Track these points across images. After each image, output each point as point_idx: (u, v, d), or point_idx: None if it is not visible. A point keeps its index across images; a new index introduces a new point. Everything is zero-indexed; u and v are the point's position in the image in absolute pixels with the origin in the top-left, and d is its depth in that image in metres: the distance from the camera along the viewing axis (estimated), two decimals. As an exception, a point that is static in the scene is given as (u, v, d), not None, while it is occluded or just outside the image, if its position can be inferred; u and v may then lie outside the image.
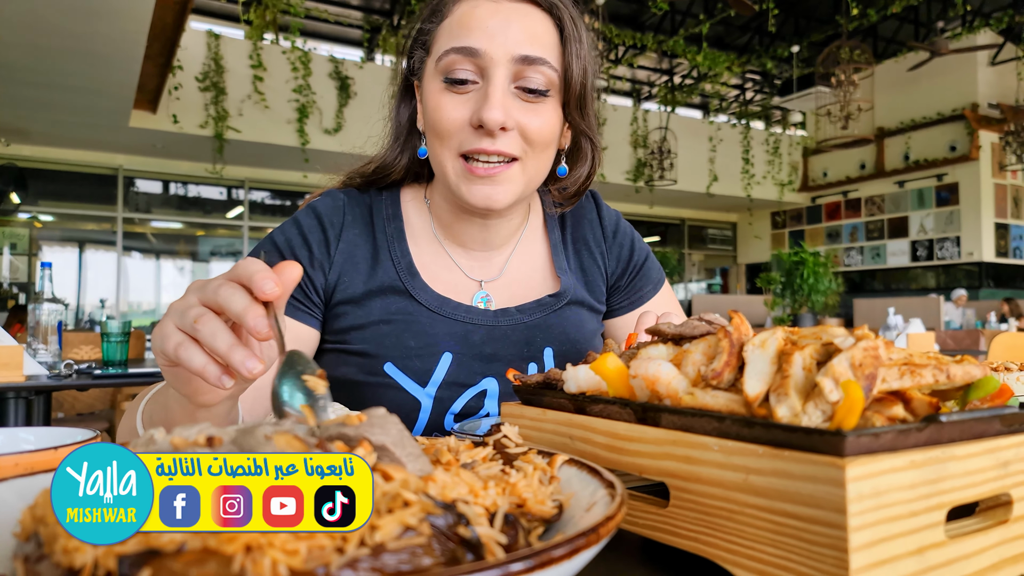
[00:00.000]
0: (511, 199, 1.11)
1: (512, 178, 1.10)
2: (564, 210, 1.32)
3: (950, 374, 0.49)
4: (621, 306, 1.35)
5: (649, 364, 0.54)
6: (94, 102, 8.37)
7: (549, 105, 1.10)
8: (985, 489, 0.48)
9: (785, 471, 0.44)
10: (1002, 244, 14.00)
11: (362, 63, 11.28)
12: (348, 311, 1.15)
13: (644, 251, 1.39)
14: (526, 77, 1.07)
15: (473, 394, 1.16)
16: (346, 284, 1.15)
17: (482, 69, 1.06)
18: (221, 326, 0.65)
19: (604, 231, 1.35)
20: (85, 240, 11.93)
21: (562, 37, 1.11)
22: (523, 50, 1.06)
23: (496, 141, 1.06)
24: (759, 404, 0.49)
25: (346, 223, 1.19)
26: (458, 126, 1.07)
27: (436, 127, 1.09)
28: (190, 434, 0.40)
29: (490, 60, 1.05)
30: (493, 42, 1.05)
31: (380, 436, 0.42)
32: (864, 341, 0.47)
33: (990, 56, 13.83)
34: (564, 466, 0.52)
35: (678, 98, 14.45)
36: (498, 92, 1.05)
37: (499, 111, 1.03)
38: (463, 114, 1.07)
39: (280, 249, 1.15)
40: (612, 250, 1.35)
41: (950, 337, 5.24)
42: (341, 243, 1.17)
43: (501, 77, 1.05)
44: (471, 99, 1.07)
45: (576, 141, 1.22)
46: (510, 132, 1.07)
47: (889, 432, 0.43)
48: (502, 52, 1.05)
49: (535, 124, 1.08)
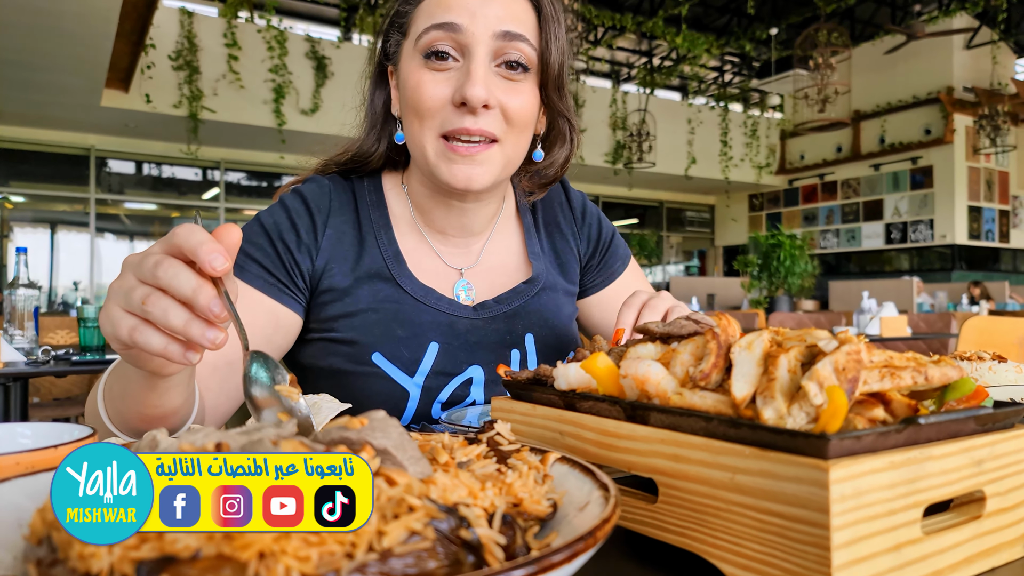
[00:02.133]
0: (490, 180, 1.11)
1: (491, 159, 1.10)
2: (538, 197, 1.34)
3: (928, 376, 0.51)
4: (595, 284, 1.40)
5: (639, 364, 0.56)
6: (65, 81, 8.22)
7: (528, 84, 1.11)
8: (960, 487, 0.50)
9: (771, 471, 0.46)
10: (975, 227, 14.22)
11: (339, 43, 11.18)
12: (335, 298, 1.15)
13: (610, 229, 1.43)
14: (506, 53, 1.08)
15: (460, 382, 1.17)
16: (333, 271, 1.16)
17: (463, 46, 1.06)
18: (171, 303, 0.63)
19: (574, 213, 1.39)
20: (57, 221, 11.76)
21: (540, 18, 1.12)
22: (504, 26, 1.06)
23: (478, 119, 1.06)
24: (746, 405, 0.50)
25: (332, 209, 1.19)
26: (439, 104, 1.07)
27: (417, 106, 1.08)
28: (197, 439, 0.41)
29: (471, 36, 1.05)
30: (474, 18, 1.05)
31: (382, 440, 0.43)
32: (847, 345, 0.49)
33: (965, 40, 13.97)
34: (556, 464, 0.54)
35: (657, 80, 14.46)
36: (480, 69, 1.05)
37: (482, 88, 1.04)
38: (444, 92, 1.07)
39: (268, 231, 1.14)
40: (583, 231, 1.38)
41: (923, 320, 5.33)
42: (328, 229, 1.17)
43: (482, 54, 1.06)
44: (452, 77, 1.07)
45: (553, 124, 1.23)
46: (491, 111, 1.07)
47: (870, 434, 0.45)
48: (483, 28, 1.05)
49: (516, 103, 1.09)
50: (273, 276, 1.11)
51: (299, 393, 0.60)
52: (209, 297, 0.61)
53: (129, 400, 0.83)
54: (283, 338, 1.13)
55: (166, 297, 0.63)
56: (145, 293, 0.63)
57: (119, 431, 0.89)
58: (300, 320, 1.15)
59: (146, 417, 0.85)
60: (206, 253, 0.60)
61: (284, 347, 1.15)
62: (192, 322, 0.63)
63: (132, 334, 0.64)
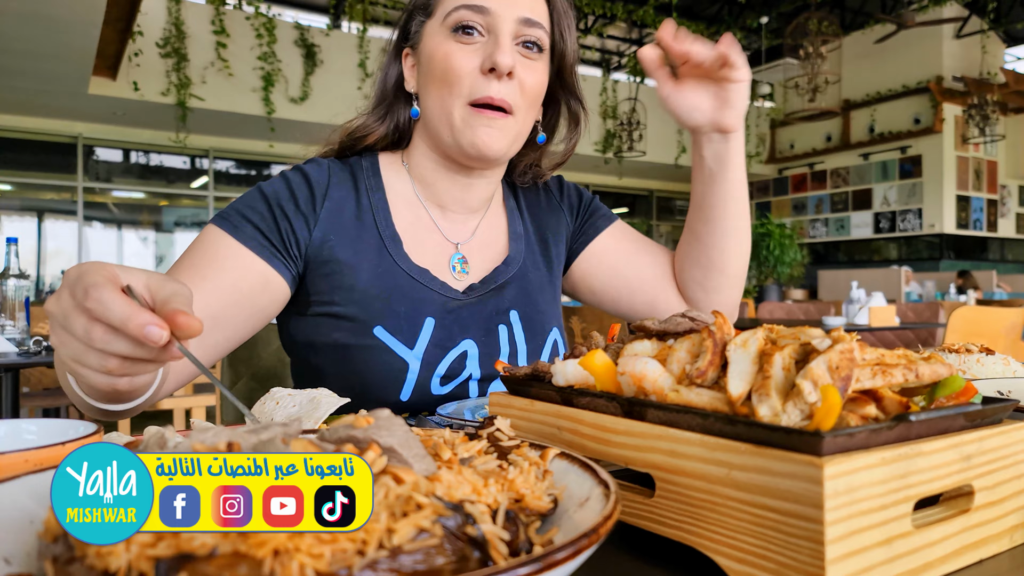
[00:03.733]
0: (505, 148, 1.21)
1: (507, 128, 1.20)
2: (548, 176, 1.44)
3: (919, 373, 0.53)
4: (579, 243, 1.46)
5: (636, 361, 0.57)
6: (52, 68, 8.14)
7: (541, 65, 1.23)
8: (949, 481, 0.51)
9: (766, 468, 0.47)
10: (963, 216, 14.29)
11: (328, 30, 11.10)
12: (335, 270, 1.19)
13: (589, 195, 1.52)
14: (526, 35, 1.19)
15: (456, 355, 1.22)
16: (332, 244, 1.19)
17: (489, 25, 1.17)
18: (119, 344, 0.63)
19: (552, 191, 1.48)
20: (44, 209, 11.67)
21: (552, 13, 1.24)
22: (525, 13, 1.18)
23: (501, 87, 1.16)
24: (741, 403, 0.52)
25: (332, 184, 1.24)
26: (468, 71, 1.16)
27: (446, 75, 1.17)
28: (207, 438, 0.42)
29: (498, 17, 1.17)
30: (501, 3, 1.17)
31: (387, 438, 0.44)
32: (840, 344, 0.50)
33: (955, 29, 14.00)
34: (556, 459, 0.55)
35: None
36: (507, 41, 1.17)
37: (509, 56, 1.15)
38: (473, 62, 1.16)
39: (266, 197, 1.18)
40: (564, 204, 1.47)
41: (911, 310, 5.37)
42: (328, 202, 1.22)
43: (507, 32, 1.17)
44: (479, 49, 1.17)
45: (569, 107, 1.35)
46: (513, 80, 1.17)
47: (863, 431, 0.47)
48: (509, 12, 1.17)
49: (531, 79, 1.20)
50: (267, 239, 1.15)
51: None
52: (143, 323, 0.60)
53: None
54: (269, 302, 1.16)
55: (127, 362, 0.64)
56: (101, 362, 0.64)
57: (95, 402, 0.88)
58: (288, 288, 1.18)
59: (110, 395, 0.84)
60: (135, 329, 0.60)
61: (269, 311, 1.17)
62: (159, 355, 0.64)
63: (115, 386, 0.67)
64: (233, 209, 1.16)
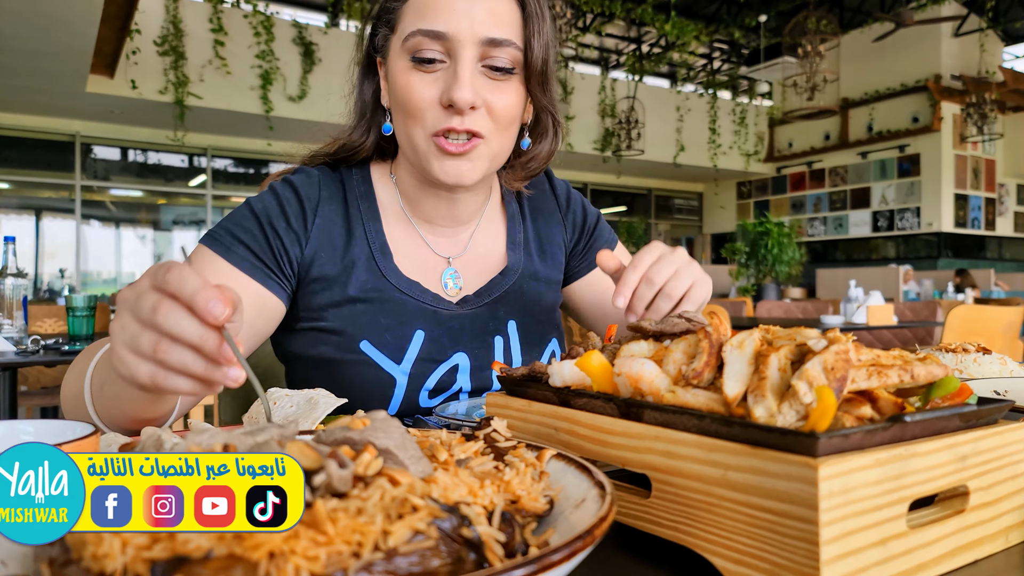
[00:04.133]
0: (479, 175, 1.14)
1: (479, 155, 1.13)
2: (521, 186, 1.35)
3: (914, 374, 0.53)
4: (580, 268, 1.42)
5: (633, 362, 0.57)
6: (49, 66, 8.14)
7: (513, 83, 1.13)
8: (944, 482, 0.51)
9: (761, 468, 0.47)
10: (961, 215, 14.31)
11: (327, 28, 11.10)
12: (324, 288, 1.17)
13: (595, 214, 1.46)
14: (492, 57, 1.09)
15: (445, 369, 1.20)
16: (323, 261, 1.17)
17: (449, 50, 1.08)
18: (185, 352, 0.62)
19: (558, 201, 1.42)
20: (42, 208, 11.66)
21: (524, 15, 1.13)
22: (489, 32, 1.08)
23: (464, 119, 1.08)
24: (737, 404, 0.52)
25: (322, 199, 1.20)
26: (428, 104, 1.09)
27: (406, 106, 1.11)
28: (203, 440, 0.42)
29: (457, 43, 1.07)
30: (460, 25, 1.07)
31: (384, 440, 0.44)
32: (835, 345, 0.50)
33: (954, 27, 14.01)
34: (552, 460, 0.55)
35: (646, 67, 14.44)
36: (467, 72, 1.07)
37: (468, 91, 1.06)
38: (432, 93, 1.09)
39: (257, 215, 1.15)
40: (568, 218, 1.41)
41: (908, 309, 5.37)
42: (318, 219, 1.19)
43: (468, 58, 1.08)
44: (439, 78, 1.09)
45: (538, 118, 1.25)
46: (478, 111, 1.10)
47: (857, 432, 0.47)
48: (469, 35, 1.07)
49: (501, 102, 1.11)
50: (260, 260, 1.12)
51: None
52: (216, 344, 0.61)
53: (123, 405, 0.86)
54: (265, 323, 1.13)
55: (177, 345, 0.62)
56: (153, 340, 0.62)
57: (105, 426, 0.91)
58: (283, 306, 1.16)
59: (138, 420, 0.87)
60: (203, 301, 0.59)
61: (265, 332, 1.15)
62: (211, 368, 0.62)
63: (155, 380, 0.63)
64: (223, 229, 1.13)
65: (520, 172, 1.31)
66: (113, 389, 0.85)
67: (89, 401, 0.90)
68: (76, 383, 0.94)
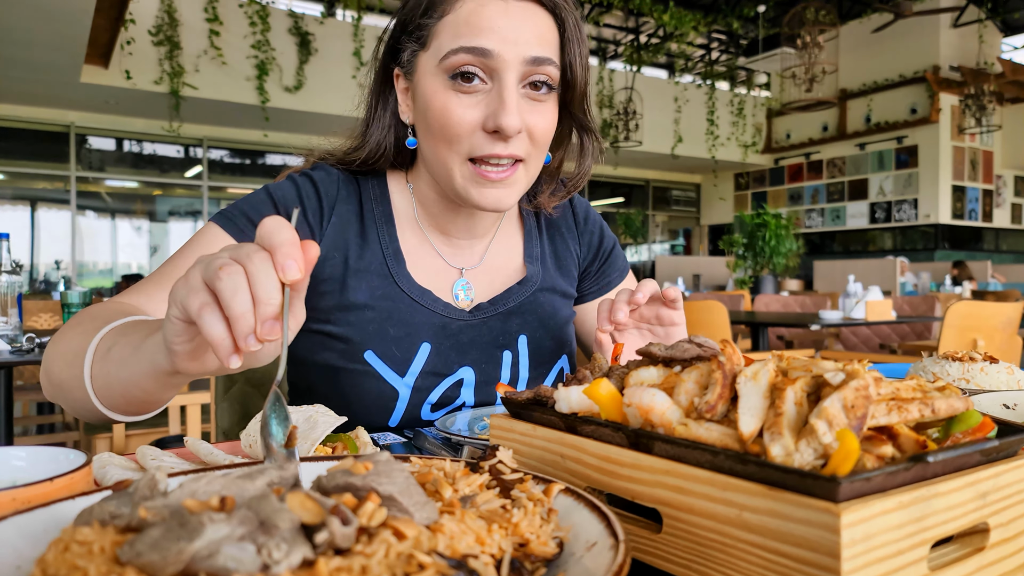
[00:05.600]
0: (516, 199, 1.12)
1: (518, 180, 1.11)
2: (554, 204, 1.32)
3: (935, 408, 0.51)
4: (591, 291, 1.40)
5: (643, 393, 0.56)
6: (44, 57, 8.08)
7: (551, 104, 1.11)
8: (965, 521, 0.50)
9: (779, 512, 0.46)
10: (958, 206, 14.31)
11: (323, 18, 11.02)
12: (332, 288, 1.15)
13: (612, 239, 1.44)
14: (533, 79, 1.07)
15: (450, 383, 1.18)
16: (335, 261, 1.16)
17: (492, 70, 1.04)
18: (244, 286, 0.59)
19: (576, 218, 1.40)
20: (37, 199, 11.61)
21: (563, 38, 1.10)
22: (533, 52, 1.05)
23: (508, 145, 1.05)
24: (753, 440, 0.50)
25: (340, 198, 1.19)
26: (469, 129, 1.05)
27: (445, 130, 1.06)
28: (199, 489, 0.40)
29: (503, 62, 1.03)
30: (505, 44, 1.03)
31: (387, 486, 0.42)
32: (855, 380, 0.48)
33: (953, 18, 13.97)
34: (560, 495, 0.53)
35: (644, 58, 14.39)
36: (513, 96, 1.04)
37: (516, 117, 1.03)
38: (475, 116, 1.05)
39: (275, 200, 1.13)
40: (584, 236, 1.39)
41: (907, 303, 5.36)
42: (335, 217, 1.17)
43: (513, 80, 1.04)
44: (481, 101, 1.05)
45: (578, 137, 1.23)
46: (520, 135, 1.07)
47: (879, 474, 0.45)
48: (514, 54, 1.03)
49: (542, 125, 1.09)
50: None
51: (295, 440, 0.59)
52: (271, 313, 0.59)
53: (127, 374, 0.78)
54: None
55: (243, 278, 0.59)
56: (225, 263, 0.60)
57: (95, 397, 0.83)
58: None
59: (134, 400, 0.82)
60: (284, 256, 0.59)
61: None
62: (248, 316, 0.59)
63: (201, 310, 0.60)
64: (238, 210, 1.11)
65: (561, 191, 1.31)
66: (123, 353, 0.79)
67: (88, 364, 0.83)
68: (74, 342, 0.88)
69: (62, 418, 4.99)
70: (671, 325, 1.12)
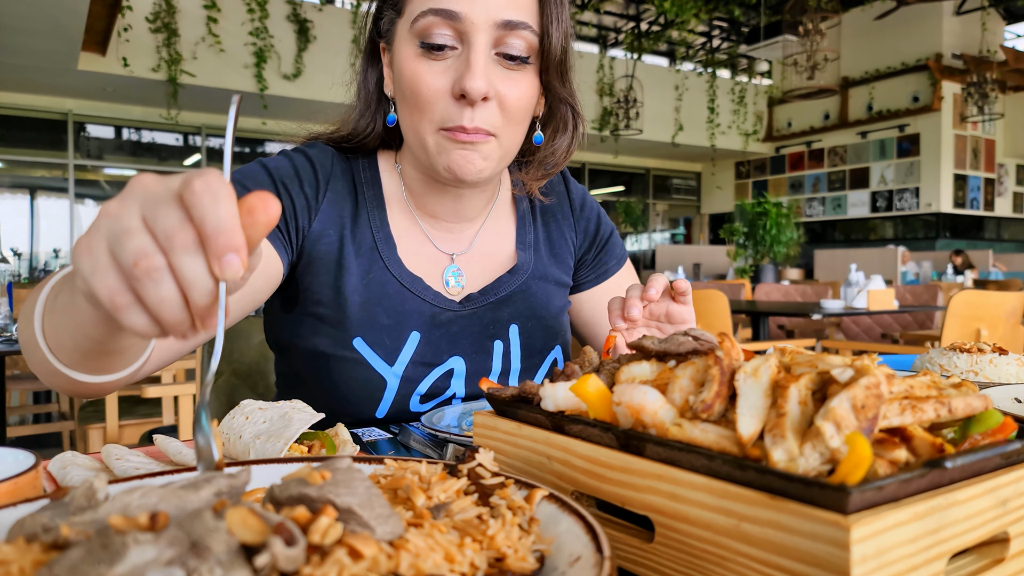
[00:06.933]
0: (490, 172, 1.07)
1: (491, 152, 1.06)
2: (538, 187, 1.27)
3: (952, 408, 0.47)
4: (587, 280, 1.35)
5: (634, 391, 0.51)
6: (40, 44, 8.01)
7: (528, 73, 1.06)
8: (985, 531, 0.46)
9: (782, 523, 0.41)
10: (960, 195, 14.23)
11: (321, 5, 10.93)
12: (324, 269, 1.11)
13: (609, 226, 1.38)
14: (507, 43, 1.02)
15: (440, 373, 1.14)
16: (331, 239, 1.11)
17: (462, 34, 1.00)
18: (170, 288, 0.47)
19: (572, 204, 1.35)
20: (36, 187, 11.56)
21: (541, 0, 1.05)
22: (505, 14, 1.00)
23: (475, 113, 1.01)
24: (753, 443, 0.46)
25: (334, 173, 1.15)
26: (437, 95, 1.01)
27: (414, 97, 1.02)
28: (132, 503, 0.36)
29: (471, 25, 0.99)
30: (474, 6, 0.99)
31: (346, 497, 0.38)
32: (865, 378, 0.44)
33: (955, 6, 13.85)
34: (544, 502, 0.49)
35: (644, 45, 14.28)
36: (480, 59, 1.00)
37: (482, 80, 0.99)
38: (442, 83, 1.01)
39: (271, 172, 1.09)
40: (580, 224, 1.34)
41: (909, 292, 5.31)
42: (329, 192, 1.13)
43: (482, 43, 1.00)
44: (450, 66, 1.01)
45: (555, 110, 1.17)
46: (489, 103, 1.02)
47: (892, 482, 0.41)
48: (484, 17, 0.99)
49: (514, 94, 1.04)
50: None
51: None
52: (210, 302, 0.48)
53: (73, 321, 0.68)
54: (264, 283, 1.05)
55: (167, 275, 0.47)
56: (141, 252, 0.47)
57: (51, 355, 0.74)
58: (282, 271, 1.09)
59: (88, 352, 0.71)
60: (220, 248, 0.46)
61: (263, 293, 1.06)
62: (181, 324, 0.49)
63: (117, 308, 0.49)
64: (233, 179, 1.03)
65: (538, 170, 1.24)
66: (65, 298, 0.69)
67: (39, 317, 0.75)
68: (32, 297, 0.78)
69: (57, 407, 4.95)
70: (681, 323, 1.06)
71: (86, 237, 0.50)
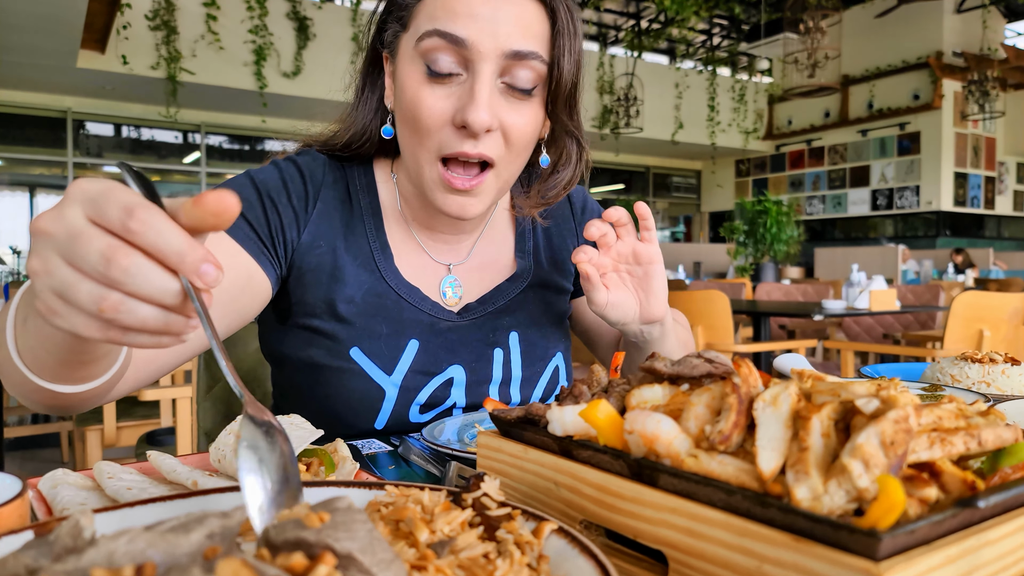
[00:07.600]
0: (483, 209, 1.05)
1: (486, 189, 1.03)
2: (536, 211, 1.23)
3: (981, 440, 0.45)
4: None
5: (647, 419, 0.49)
6: (39, 42, 7.98)
7: (534, 103, 1.02)
8: (1017, 569, 0.43)
9: (807, 567, 0.39)
10: (960, 193, 14.21)
11: (321, 3, 10.89)
12: (318, 280, 1.08)
13: None
14: (513, 74, 0.98)
15: (440, 383, 1.12)
16: (322, 250, 1.08)
17: (467, 61, 0.96)
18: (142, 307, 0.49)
19: (573, 208, 1.33)
20: (35, 184, 11.54)
21: (554, 28, 1.01)
22: (514, 44, 0.96)
23: (477, 144, 0.98)
24: (774, 479, 0.43)
25: (326, 183, 1.12)
26: (439, 123, 0.98)
27: (415, 122, 0.99)
28: (118, 549, 0.34)
29: (477, 53, 0.95)
30: (482, 33, 0.95)
31: (346, 542, 0.36)
32: (893, 411, 0.42)
33: (956, 3, 13.82)
34: (553, 536, 0.47)
35: (645, 43, 14.25)
36: (485, 91, 0.96)
37: (485, 112, 0.95)
38: (444, 109, 0.97)
39: (257, 185, 1.06)
40: (581, 227, 1.32)
41: (910, 292, 5.29)
42: (320, 203, 1.10)
43: (488, 73, 0.96)
44: (454, 93, 0.97)
45: (560, 142, 1.15)
46: (492, 133, 0.99)
47: (924, 525, 0.39)
48: (491, 45, 0.95)
49: (519, 124, 1.00)
50: (254, 231, 1.02)
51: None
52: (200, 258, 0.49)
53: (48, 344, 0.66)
54: (250, 300, 1.02)
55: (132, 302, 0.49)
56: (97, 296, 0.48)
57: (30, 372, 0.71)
58: (271, 289, 1.06)
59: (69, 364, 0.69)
60: (192, 265, 0.48)
61: (249, 311, 1.03)
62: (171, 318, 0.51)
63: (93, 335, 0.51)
64: None
65: (537, 199, 1.21)
66: (37, 323, 0.66)
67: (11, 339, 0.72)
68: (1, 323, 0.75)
69: (56, 408, 4.93)
70: (648, 263, 1.04)
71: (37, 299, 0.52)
